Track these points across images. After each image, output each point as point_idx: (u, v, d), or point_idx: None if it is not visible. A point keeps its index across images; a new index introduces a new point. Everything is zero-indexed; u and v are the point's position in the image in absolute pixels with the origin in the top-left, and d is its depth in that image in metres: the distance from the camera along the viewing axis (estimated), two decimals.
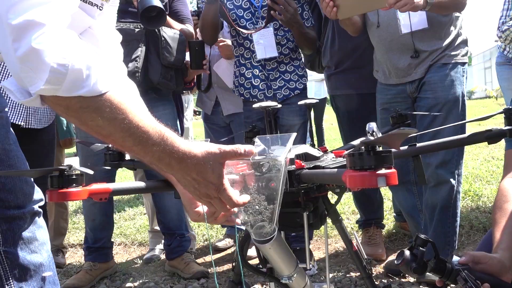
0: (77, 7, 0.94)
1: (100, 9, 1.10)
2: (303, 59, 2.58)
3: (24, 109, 2.05)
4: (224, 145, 0.95)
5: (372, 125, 1.43)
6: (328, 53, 2.49)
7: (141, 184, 1.14)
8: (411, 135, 0.76)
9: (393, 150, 1.32)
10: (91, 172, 1.07)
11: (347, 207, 3.47)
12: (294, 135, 1.11)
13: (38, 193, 1.23)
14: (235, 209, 1.00)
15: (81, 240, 3.22)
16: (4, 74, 2.02)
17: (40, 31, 0.75)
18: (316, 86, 6.73)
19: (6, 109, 1.24)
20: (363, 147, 0.74)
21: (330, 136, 9.19)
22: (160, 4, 2.08)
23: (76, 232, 3.57)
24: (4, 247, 1.14)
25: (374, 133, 1.41)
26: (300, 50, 2.48)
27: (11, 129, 1.21)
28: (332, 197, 1.46)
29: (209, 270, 2.51)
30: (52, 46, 0.75)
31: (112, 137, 0.83)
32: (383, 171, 0.71)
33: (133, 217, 3.87)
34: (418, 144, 1.28)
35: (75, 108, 0.79)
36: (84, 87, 0.78)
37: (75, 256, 3.03)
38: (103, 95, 0.79)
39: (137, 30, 2.27)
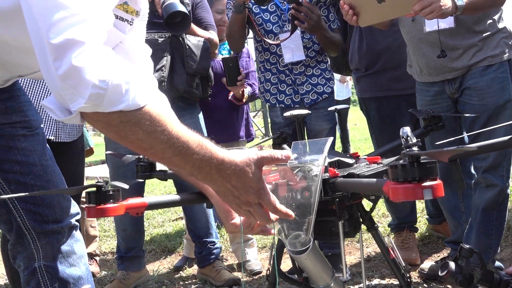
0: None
1: (131, 24, 1.11)
2: (329, 61, 2.56)
3: (53, 123, 2.10)
4: (261, 151, 0.95)
5: (406, 130, 1.39)
6: (356, 56, 2.45)
7: (176, 197, 1.14)
8: (469, 151, 0.73)
9: (424, 152, 1.30)
10: (126, 186, 1.08)
11: (377, 209, 3.41)
12: (330, 139, 1.09)
13: (74, 207, 1.25)
14: (274, 217, 0.98)
15: (113, 248, 3.28)
16: (44, 92, 2.07)
17: (80, 49, 0.76)
18: (339, 86, 6.67)
19: (42, 125, 1.26)
20: (406, 158, 0.72)
21: (355, 137, 9.10)
22: (184, 9, 2.09)
23: (108, 240, 3.63)
24: (44, 261, 1.17)
25: (408, 138, 1.38)
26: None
27: (47, 144, 1.23)
28: (366, 204, 1.44)
29: (241, 277, 2.50)
30: (92, 63, 0.77)
31: (153, 150, 0.83)
32: (428, 183, 0.69)
33: (162, 224, 3.91)
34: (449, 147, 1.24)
35: (115, 123, 0.81)
36: (123, 102, 0.79)
37: (107, 264, 3.07)
38: (142, 108, 0.81)
39: (161, 40, 2.29)
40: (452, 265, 0.90)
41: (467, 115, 1.94)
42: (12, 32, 0.97)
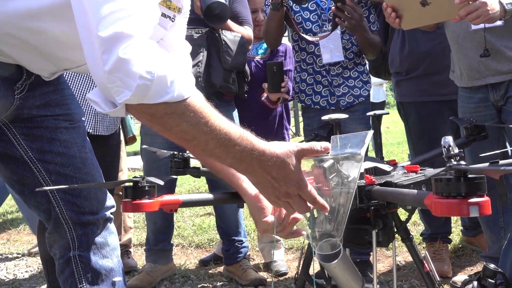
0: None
1: (172, 21, 1.12)
2: (367, 64, 2.51)
3: (92, 116, 2.15)
4: (301, 143, 0.97)
5: (448, 139, 1.35)
6: (397, 58, 2.40)
7: (209, 196, 1.15)
8: None
9: (466, 167, 1.26)
10: (161, 182, 1.09)
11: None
12: (371, 132, 1.07)
13: (110, 200, 1.28)
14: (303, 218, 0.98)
15: (142, 240, 3.33)
16: (87, 85, 2.12)
17: (128, 42, 0.78)
18: (375, 89, 6.56)
19: (83, 118, 1.30)
20: (452, 171, 0.70)
21: (387, 141, 8.92)
22: (223, 0, 2.09)
23: (136, 231, 3.70)
24: (79, 251, 1.20)
25: (450, 148, 1.34)
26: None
27: (87, 137, 1.26)
28: (402, 213, 1.41)
29: (267, 277, 2.50)
30: (139, 56, 0.78)
31: (195, 141, 0.85)
32: (475, 199, 0.67)
33: (190, 217, 3.95)
34: (501, 162, 1.20)
35: (160, 115, 0.82)
36: (169, 93, 0.80)
37: (135, 256, 3.13)
38: (186, 100, 0.82)
39: (197, 35, 2.30)
40: (475, 285, 0.87)
41: (500, 125, 1.86)
42: (62, 27, 1.00)
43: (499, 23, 1.80)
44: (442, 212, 0.69)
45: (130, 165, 7.17)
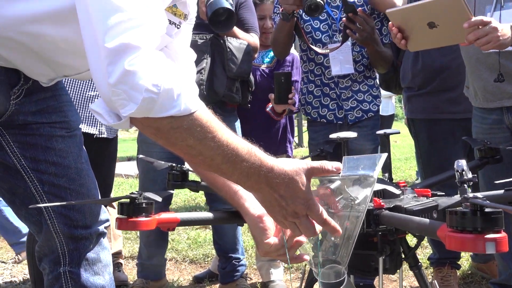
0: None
1: (178, 28, 1.13)
2: (377, 77, 2.52)
3: (96, 117, 2.16)
4: (311, 161, 0.96)
5: (462, 163, 1.36)
6: (409, 73, 2.40)
7: (209, 215, 1.15)
8: None
9: (482, 193, 1.24)
10: (159, 199, 1.09)
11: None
12: (384, 155, 1.07)
13: (105, 214, 1.28)
14: (319, 229, 0.98)
15: (134, 253, 3.32)
16: (85, 88, 2.13)
17: (135, 54, 0.78)
18: (384, 102, 6.58)
19: (81, 126, 1.30)
20: (467, 203, 0.70)
21: (394, 156, 8.92)
22: (229, 6, 2.10)
23: (128, 243, 3.68)
24: (69, 267, 1.19)
25: (464, 173, 1.34)
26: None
27: (83, 147, 1.26)
28: (411, 240, 1.41)
29: None
30: (145, 68, 0.78)
31: (202, 156, 0.85)
32: (492, 235, 0.66)
33: (185, 230, 3.94)
34: None
35: (166, 129, 0.82)
36: (175, 107, 0.80)
37: (126, 269, 3.11)
38: (193, 114, 0.82)
39: (201, 41, 2.30)
40: None
41: None
42: (64, 33, 1.00)
43: (511, 49, 1.80)
44: (456, 246, 0.69)
45: (124, 172, 7.16)
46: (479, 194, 0.71)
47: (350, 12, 2.13)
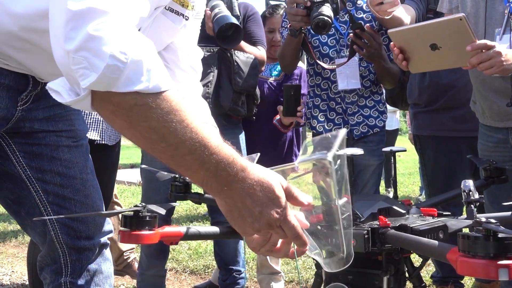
0: (151, 10, 0.94)
1: (186, 19, 1.12)
2: (384, 93, 2.52)
3: (99, 124, 2.16)
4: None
5: (469, 184, 1.35)
6: (416, 90, 2.40)
7: (214, 229, 1.14)
8: None
9: (489, 215, 1.23)
10: (163, 212, 1.09)
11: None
12: (343, 132, 0.95)
13: (108, 225, 1.27)
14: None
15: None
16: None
17: (101, 19, 0.70)
18: (388, 117, 6.58)
19: (87, 134, 1.30)
20: (480, 227, 0.68)
21: (398, 171, 8.88)
22: (236, 22, 2.10)
23: None
24: (71, 277, 1.19)
25: (470, 193, 1.33)
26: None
27: (90, 157, 1.26)
28: (417, 261, 1.39)
29: None
30: (112, 34, 0.70)
31: (164, 144, 0.74)
32: (505, 261, 0.65)
33: (186, 241, 3.92)
34: None
35: (128, 106, 0.72)
36: (143, 82, 0.71)
37: (126, 278, 3.10)
38: (162, 93, 0.73)
39: (208, 54, 2.31)
40: None
41: None
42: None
43: None
44: (468, 272, 0.68)
45: (127, 179, 7.16)
46: (492, 219, 0.70)
47: (357, 28, 2.14)
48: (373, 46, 2.14)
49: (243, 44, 2.38)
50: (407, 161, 10.20)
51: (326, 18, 1.96)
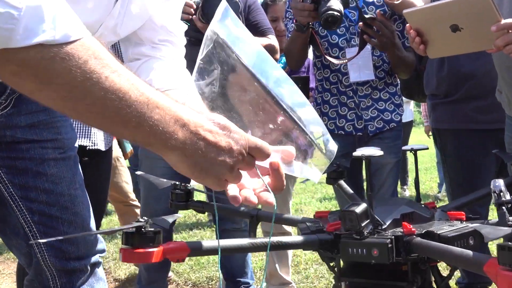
0: None
1: None
2: (399, 84, 2.50)
3: (88, 128, 2.15)
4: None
5: (499, 183, 1.34)
6: (434, 79, 2.38)
7: (226, 242, 1.11)
8: None
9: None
10: (167, 226, 1.08)
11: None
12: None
13: (101, 244, 1.26)
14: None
15: (132, 274, 3.30)
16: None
17: None
18: None
19: (76, 145, 1.28)
20: None
21: (412, 164, 8.90)
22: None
23: (124, 264, 3.66)
24: None
25: (502, 194, 1.31)
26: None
27: (79, 169, 1.25)
28: (444, 269, 1.38)
29: None
30: None
31: (88, 100, 0.68)
32: None
33: None
34: None
35: (35, 61, 0.64)
36: (46, 31, 0.63)
37: None
38: (75, 42, 0.66)
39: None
40: None
41: None
42: None
43: None
44: (510, 286, 0.67)
45: None
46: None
47: (365, 20, 2.12)
48: (385, 35, 2.13)
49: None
50: (423, 155, 10.18)
51: (336, 13, 1.95)
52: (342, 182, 1.78)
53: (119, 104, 0.68)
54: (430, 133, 6.31)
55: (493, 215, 3.34)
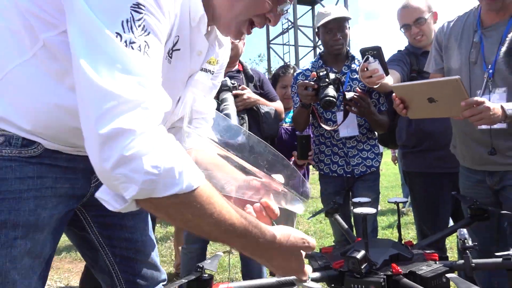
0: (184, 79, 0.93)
1: (212, 74, 1.08)
2: (376, 135, 2.53)
3: None
4: (306, 235, 0.90)
5: (464, 232, 1.34)
6: (404, 134, 2.41)
7: (269, 281, 1.12)
8: None
9: (483, 261, 1.20)
10: (215, 269, 1.08)
11: None
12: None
13: (164, 275, 1.26)
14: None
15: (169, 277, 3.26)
16: None
17: (130, 138, 0.67)
18: None
19: None
20: None
21: (381, 184, 8.82)
22: (236, 123, 2.10)
23: (163, 265, 3.62)
24: None
25: (466, 241, 1.32)
26: None
27: (149, 218, 1.25)
28: None
29: None
30: (143, 150, 0.67)
31: (199, 228, 0.75)
32: None
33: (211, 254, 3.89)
34: None
35: (166, 205, 0.71)
36: (177, 185, 0.70)
37: None
38: (195, 190, 0.72)
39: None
40: None
41: (504, 212, 1.79)
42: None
43: (502, 125, 1.76)
44: None
45: None
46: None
47: (348, 101, 2.21)
48: (362, 106, 2.18)
49: (265, 102, 2.43)
50: (389, 175, 10.10)
51: (332, 98, 2.03)
52: (337, 216, 1.79)
53: (220, 232, 0.76)
54: (396, 161, 6.22)
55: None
